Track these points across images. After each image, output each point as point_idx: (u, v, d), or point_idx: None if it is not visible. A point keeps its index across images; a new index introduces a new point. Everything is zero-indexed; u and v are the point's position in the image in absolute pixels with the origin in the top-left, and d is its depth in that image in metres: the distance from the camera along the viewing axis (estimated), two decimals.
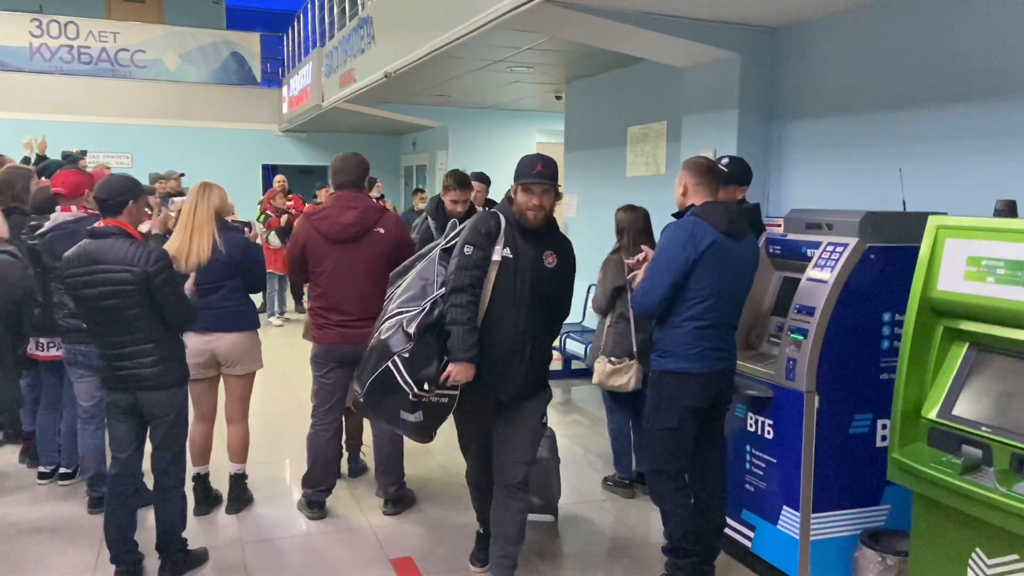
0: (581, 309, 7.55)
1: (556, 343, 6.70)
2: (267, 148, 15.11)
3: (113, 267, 3.13)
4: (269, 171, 15.82)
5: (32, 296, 3.89)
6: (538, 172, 3.09)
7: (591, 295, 6.35)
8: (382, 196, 10.21)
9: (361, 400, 3.31)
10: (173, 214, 4.08)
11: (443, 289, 3.18)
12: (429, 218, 4.92)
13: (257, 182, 14.79)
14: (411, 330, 3.12)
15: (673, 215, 3.39)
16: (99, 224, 3.26)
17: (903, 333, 2.84)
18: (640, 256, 3.50)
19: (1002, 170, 3.67)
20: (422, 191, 10.43)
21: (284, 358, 7.37)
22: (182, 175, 9.98)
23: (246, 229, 4.12)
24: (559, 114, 9.94)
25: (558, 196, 3.21)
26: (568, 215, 8.16)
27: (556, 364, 7.08)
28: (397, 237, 4.02)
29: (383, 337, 3.21)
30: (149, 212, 4.74)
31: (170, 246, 3.68)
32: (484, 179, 5.98)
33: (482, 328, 3.14)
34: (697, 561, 3.36)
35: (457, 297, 3.11)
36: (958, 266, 2.69)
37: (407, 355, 3.10)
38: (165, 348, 3.25)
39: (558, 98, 8.71)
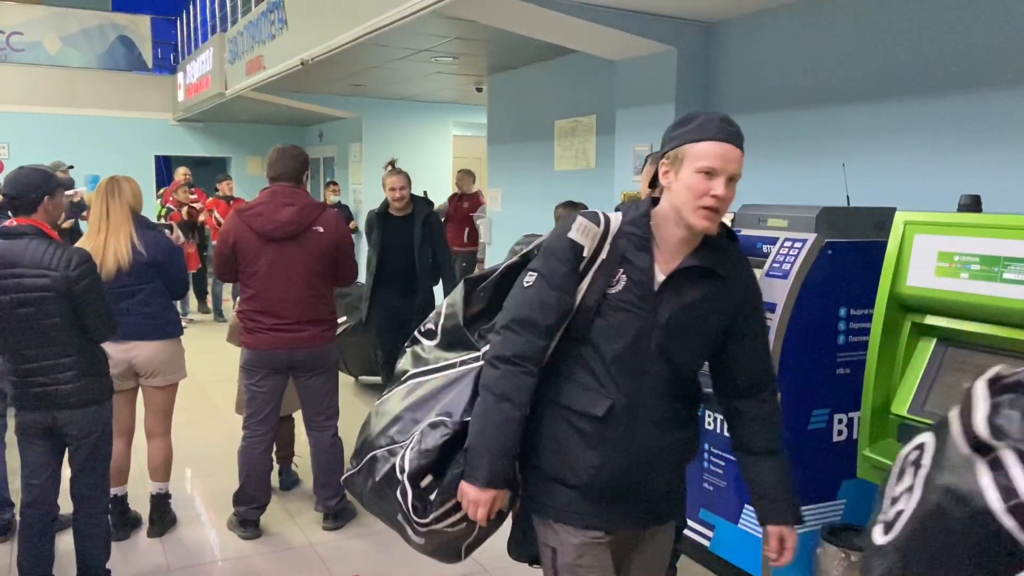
0: None
1: None
2: (160, 138, 14.26)
3: (28, 271, 2.77)
4: (162, 162, 14.96)
5: None
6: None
7: None
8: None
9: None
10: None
11: None
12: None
13: (150, 174, 13.95)
14: None
15: None
16: (10, 223, 2.89)
17: (872, 329, 2.84)
18: None
19: (953, 164, 3.74)
20: (335, 184, 10.07)
21: (193, 363, 6.92)
22: (70, 167, 9.28)
23: (167, 231, 3.78)
24: (475, 107, 9.79)
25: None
26: (493, 209, 8.01)
27: None
28: (337, 236, 3.77)
29: None
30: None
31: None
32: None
33: None
34: None
35: None
36: (928, 262, 2.70)
37: None
38: (86, 362, 2.90)
39: (479, 90, 8.53)
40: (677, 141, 1.83)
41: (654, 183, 1.96)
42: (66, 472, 3.06)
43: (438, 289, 5.45)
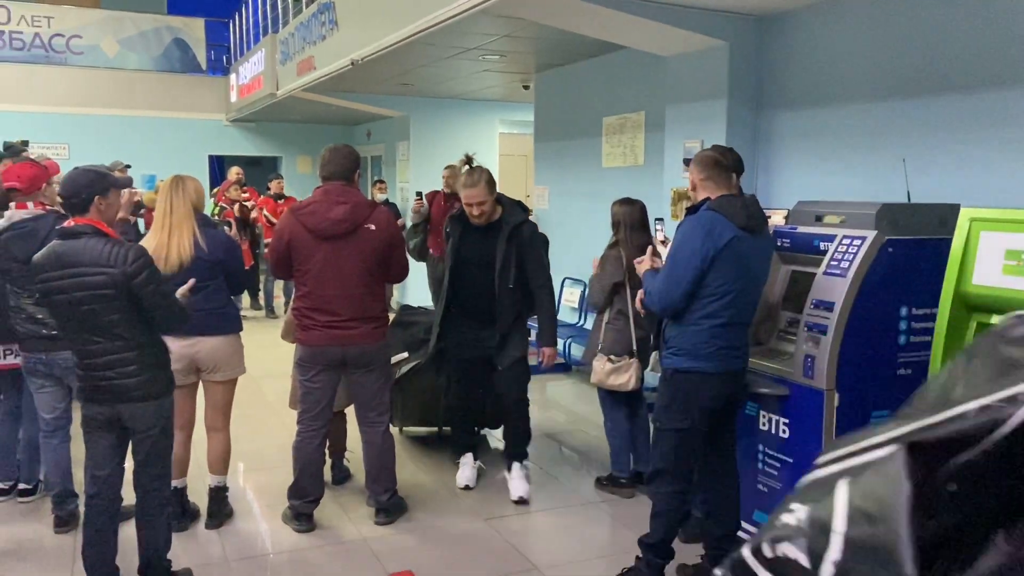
0: (580, 311, 7.35)
1: (560, 348, 6.44)
2: (214, 138, 14.55)
3: (87, 269, 2.84)
4: (215, 162, 15.26)
5: None
6: None
7: (586, 290, 6.21)
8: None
9: None
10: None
11: None
12: None
13: (204, 174, 14.23)
14: None
15: (687, 209, 3.27)
16: (68, 223, 2.97)
17: (936, 329, 2.77)
18: (646, 258, 3.41)
19: (1021, 159, 3.63)
20: (382, 182, 10.17)
21: (246, 359, 7.03)
22: (128, 166, 9.53)
23: (226, 227, 3.86)
24: (521, 104, 9.79)
25: None
26: (539, 207, 8.00)
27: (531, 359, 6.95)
28: (389, 234, 3.81)
29: None
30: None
31: (147, 246, 3.41)
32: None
33: None
34: (663, 566, 3.31)
35: None
36: (995, 260, 2.62)
37: None
38: (149, 356, 2.98)
39: (526, 88, 8.53)
40: None
41: None
42: (129, 464, 3.14)
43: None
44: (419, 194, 7.62)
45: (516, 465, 4.36)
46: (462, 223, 4.26)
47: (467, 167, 4.25)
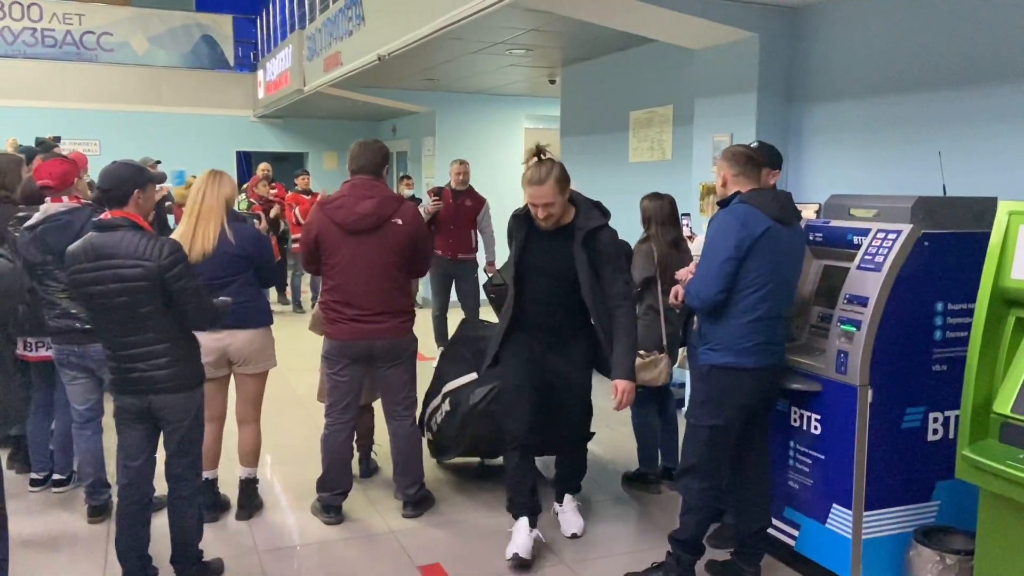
0: None
1: None
2: (241, 134, 14.68)
3: (123, 262, 2.87)
4: (243, 158, 15.39)
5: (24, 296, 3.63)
6: None
7: None
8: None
9: None
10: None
11: None
12: None
13: (232, 170, 14.36)
14: None
15: (718, 203, 3.24)
16: (105, 216, 3.01)
17: (973, 324, 2.71)
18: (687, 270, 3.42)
19: None
20: (409, 177, 10.19)
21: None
22: (158, 162, 9.64)
23: (255, 221, 3.89)
24: (547, 99, 9.77)
25: None
26: None
27: None
28: (415, 229, 3.81)
29: None
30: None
31: (176, 235, 3.45)
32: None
33: None
34: (693, 562, 3.28)
35: None
36: None
37: None
38: (180, 348, 3.01)
39: (552, 82, 8.50)
40: None
41: None
42: (161, 455, 3.17)
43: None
44: (434, 192, 7.61)
45: (568, 497, 3.94)
46: (527, 224, 3.55)
47: (535, 158, 3.44)
